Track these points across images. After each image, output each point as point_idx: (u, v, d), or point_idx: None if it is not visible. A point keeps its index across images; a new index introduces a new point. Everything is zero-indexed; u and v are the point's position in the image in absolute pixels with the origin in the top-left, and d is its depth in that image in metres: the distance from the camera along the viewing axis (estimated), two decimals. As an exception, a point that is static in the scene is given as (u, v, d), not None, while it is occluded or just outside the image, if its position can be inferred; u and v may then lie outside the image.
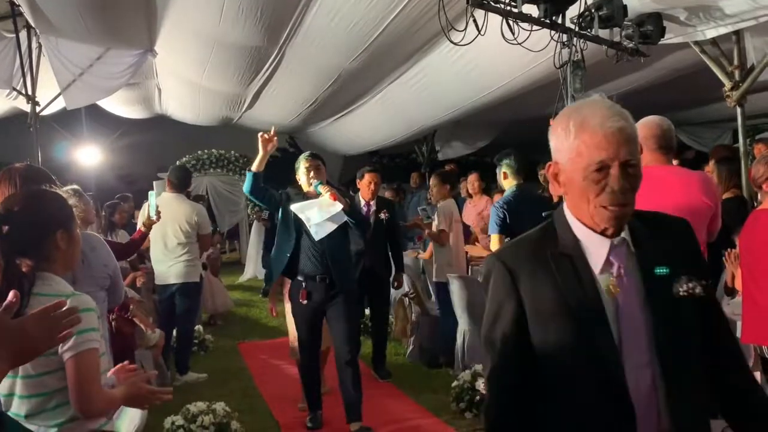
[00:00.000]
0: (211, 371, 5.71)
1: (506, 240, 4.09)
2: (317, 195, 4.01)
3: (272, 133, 3.90)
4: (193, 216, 5.42)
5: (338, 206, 3.87)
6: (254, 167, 3.95)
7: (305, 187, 4.13)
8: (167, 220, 5.08)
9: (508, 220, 4.13)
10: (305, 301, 4.03)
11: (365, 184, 5.39)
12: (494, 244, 4.23)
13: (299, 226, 3.98)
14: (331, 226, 3.90)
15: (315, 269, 4.02)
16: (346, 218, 3.93)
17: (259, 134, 3.87)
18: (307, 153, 4.32)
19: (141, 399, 1.93)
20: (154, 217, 4.42)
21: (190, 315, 5.62)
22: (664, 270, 1.33)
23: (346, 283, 4.10)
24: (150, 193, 4.71)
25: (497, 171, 4.50)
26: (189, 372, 5.53)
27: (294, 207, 3.96)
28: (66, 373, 1.77)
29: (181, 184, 5.55)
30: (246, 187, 4.03)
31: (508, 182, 4.41)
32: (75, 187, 3.59)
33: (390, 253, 5.58)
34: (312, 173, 4.09)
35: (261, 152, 3.89)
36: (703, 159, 8.03)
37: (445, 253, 5.52)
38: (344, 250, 4.21)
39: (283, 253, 4.07)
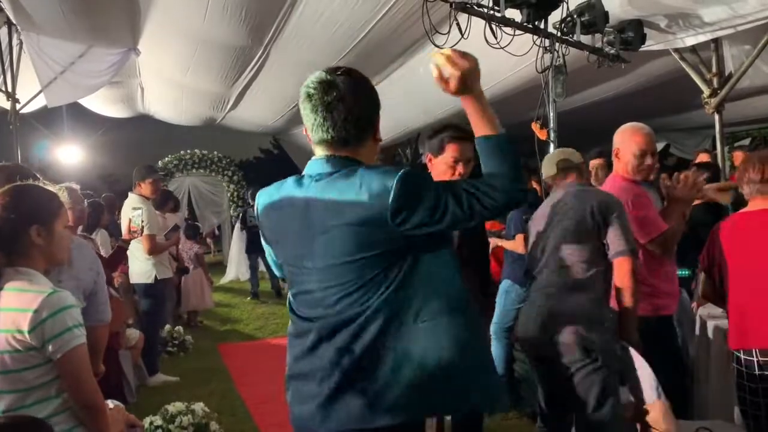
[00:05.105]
0: (191, 372, 5.68)
1: None
2: None
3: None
4: (128, 215, 5.09)
5: None
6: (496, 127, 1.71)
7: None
8: (124, 219, 5.23)
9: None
10: None
11: (446, 162, 2.95)
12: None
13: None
14: None
15: None
16: None
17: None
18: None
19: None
20: (137, 231, 4.55)
21: (150, 316, 5.55)
22: None
23: None
24: (134, 207, 4.80)
25: None
26: (158, 374, 5.50)
27: None
28: (57, 371, 1.78)
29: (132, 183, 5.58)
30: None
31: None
32: (69, 184, 3.52)
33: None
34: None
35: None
36: (684, 166, 8.14)
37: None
38: None
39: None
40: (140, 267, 5.41)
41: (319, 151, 1.73)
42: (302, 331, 1.74)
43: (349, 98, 1.65)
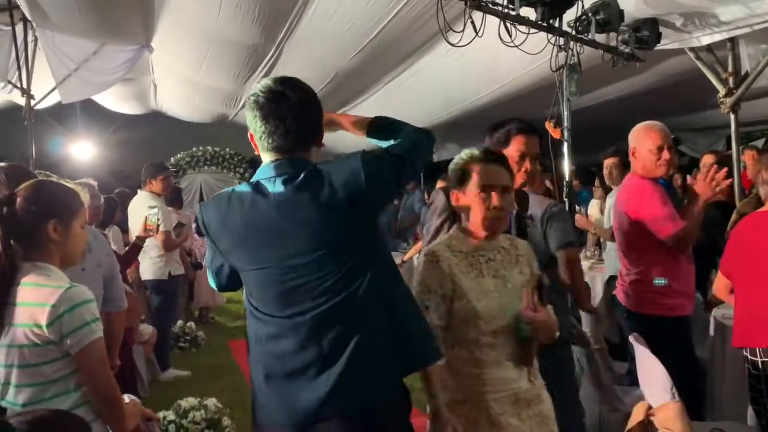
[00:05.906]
0: (203, 367, 5.72)
1: None
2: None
3: None
4: (142, 213, 5.00)
5: None
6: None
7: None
8: (134, 216, 5.34)
9: None
10: None
11: (511, 156, 2.59)
12: None
13: None
14: None
15: None
16: None
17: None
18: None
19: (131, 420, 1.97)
20: (153, 230, 4.59)
21: (162, 312, 5.60)
22: None
23: None
24: (150, 207, 4.84)
25: None
26: (170, 369, 5.54)
27: None
28: (75, 365, 1.80)
29: (142, 180, 5.60)
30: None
31: None
32: (86, 180, 3.60)
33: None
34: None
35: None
36: (697, 165, 8.08)
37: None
38: None
39: None
40: (152, 264, 5.45)
41: (271, 156, 1.80)
42: (285, 330, 1.78)
43: (297, 108, 1.77)
